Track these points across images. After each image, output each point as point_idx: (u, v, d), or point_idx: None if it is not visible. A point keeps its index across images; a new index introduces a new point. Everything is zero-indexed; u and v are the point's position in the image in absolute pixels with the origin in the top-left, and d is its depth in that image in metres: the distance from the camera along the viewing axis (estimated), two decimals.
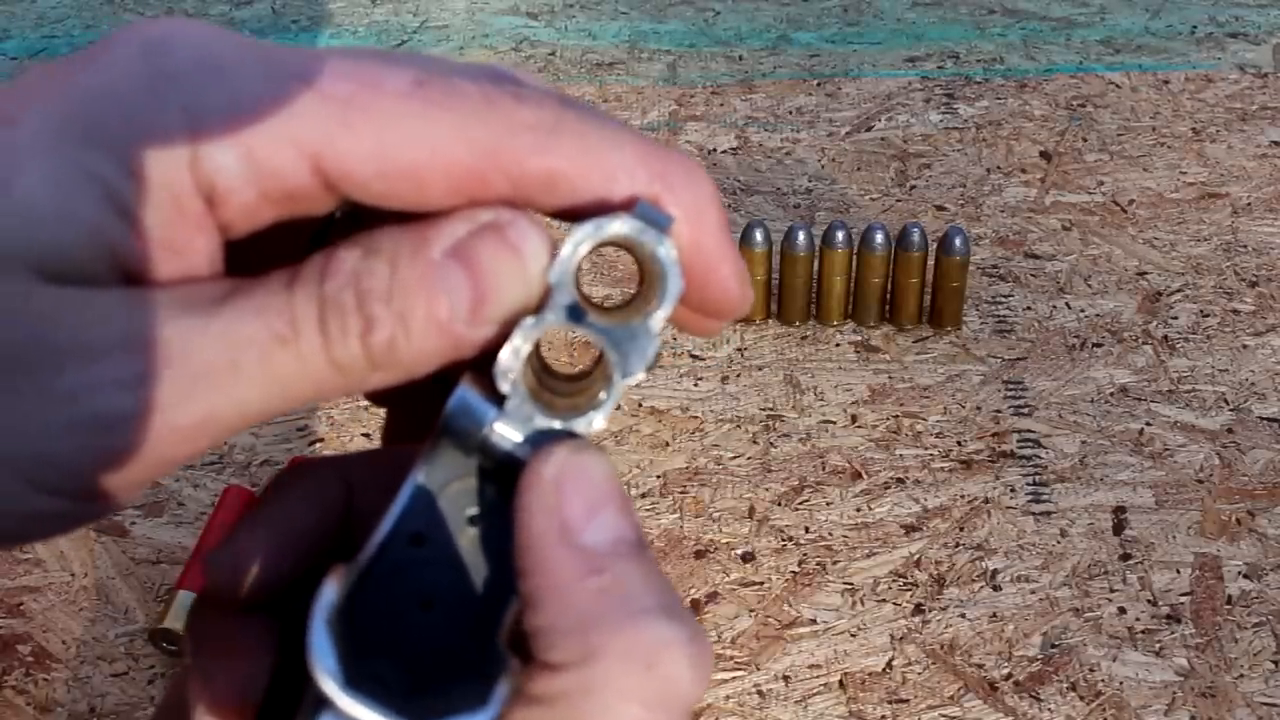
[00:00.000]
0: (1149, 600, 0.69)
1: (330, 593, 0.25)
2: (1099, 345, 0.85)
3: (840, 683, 0.65)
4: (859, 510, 0.74)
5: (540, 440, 0.27)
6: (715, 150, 1.06)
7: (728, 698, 0.65)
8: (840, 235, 0.85)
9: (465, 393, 0.27)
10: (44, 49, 1.24)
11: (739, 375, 0.84)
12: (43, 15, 1.30)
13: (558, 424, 0.27)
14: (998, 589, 0.70)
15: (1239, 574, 0.70)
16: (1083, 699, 0.64)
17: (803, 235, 0.85)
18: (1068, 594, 0.69)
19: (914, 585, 0.70)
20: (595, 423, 0.27)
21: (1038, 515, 0.74)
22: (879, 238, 0.85)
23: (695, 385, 0.83)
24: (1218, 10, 1.27)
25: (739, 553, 0.72)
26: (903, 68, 1.18)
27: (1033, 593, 0.69)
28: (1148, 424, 0.79)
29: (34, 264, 0.24)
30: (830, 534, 0.73)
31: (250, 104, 0.25)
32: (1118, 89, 1.14)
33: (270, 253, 0.26)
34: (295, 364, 0.25)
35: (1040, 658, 0.66)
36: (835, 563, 0.71)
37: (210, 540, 0.70)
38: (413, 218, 0.26)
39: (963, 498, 0.75)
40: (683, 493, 0.75)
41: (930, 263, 0.86)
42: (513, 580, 0.26)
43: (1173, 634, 0.67)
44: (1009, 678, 0.65)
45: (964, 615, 0.68)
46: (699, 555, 0.72)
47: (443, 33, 1.26)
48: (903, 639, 0.67)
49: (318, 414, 0.81)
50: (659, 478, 0.76)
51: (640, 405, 0.81)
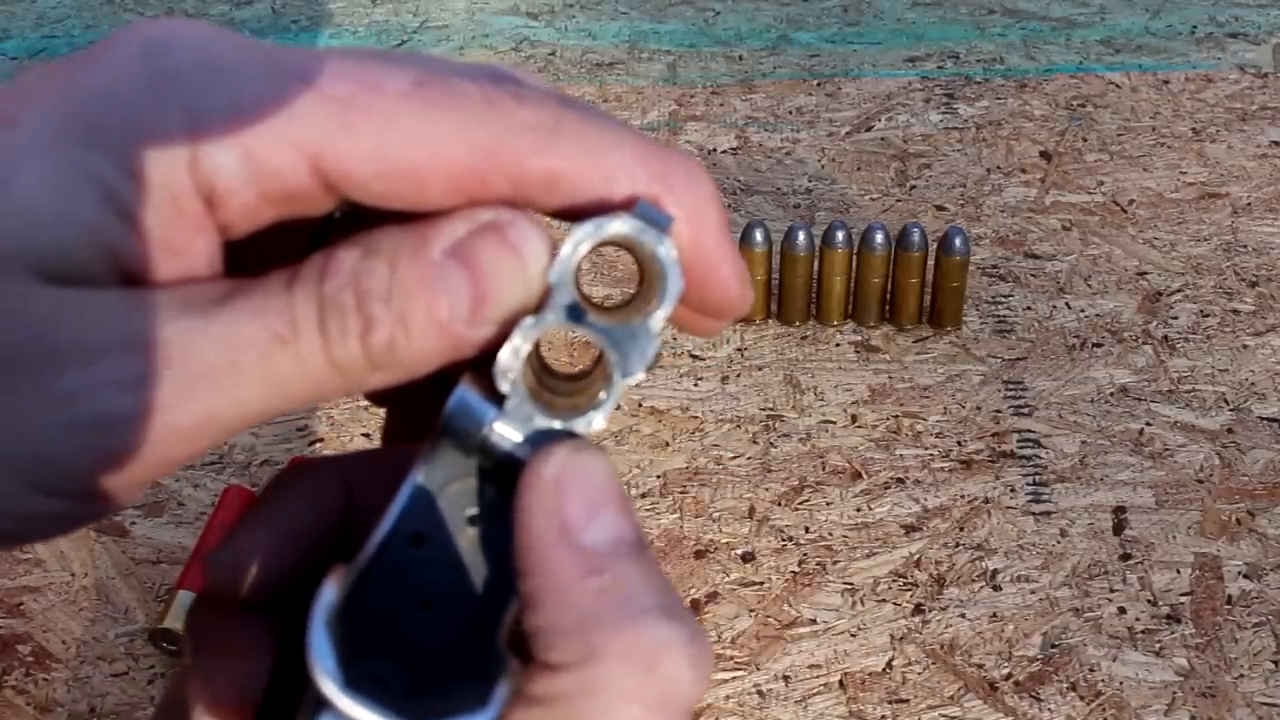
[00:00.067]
0: (1149, 600, 0.69)
1: (330, 593, 0.25)
2: (1099, 345, 0.85)
3: (840, 683, 0.65)
4: (859, 510, 0.74)
5: (540, 440, 0.26)
6: (715, 150, 1.06)
7: (728, 698, 0.65)
8: (840, 235, 0.85)
9: (465, 393, 0.26)
10: (44, 49, 1.24)
11: (739, 375, 0.84)
12: (43, 15, 1.30)
13: (557, 424, 0.27)
14: (998, 589, 0.70)
15: (1239, 574, 0.70)
16: (1083, 699, 0.64)
17: (803, 235, 0.85)
18: (1068, 594, 0.69)
19: (914, 585, 0.70)
20: (595, 423, 0.27)
21: (1038, 515, 0.74)
22: (879, 238, 0.85)
23: (695, 385, 0.83)
24: (1218, 10, 1.27)
25: (739, 553, 0.72)
26: (903, 68, 1.18)
27: (1033, 593, 0.69)
28: (1148, 424, 0.79)
29: (33, 264, 0.24)
30: (830, 534, 0.73)
31: (250, 104, 0.25)
32: (1118, 89, 1.14)
33: (269, 253, 0.26)
34: (295, 364, 0.25)
35: (1040, 658, 0.66)
36: (835, 563, 0.71)
37: (210, 540, 0.70)
38: (412, 218, 0.26)
39: (963, 498, 0.75)
40: (683, 493, 0.75)
41: (930, 263, 0.86)
42: (512, 580, 0.25)
43: (1173, 634, 0.67)
44: (1009, 678, 0.65)
45: (964, 615, 0.68)
46: (699, 555, 0.72)
47: (443, 33, 1.26)
48: (903, 639, 0.67)
49: (318, 414, 0.81)
50: (659, 478, 0.76)
51: (640, 405, 0.81)
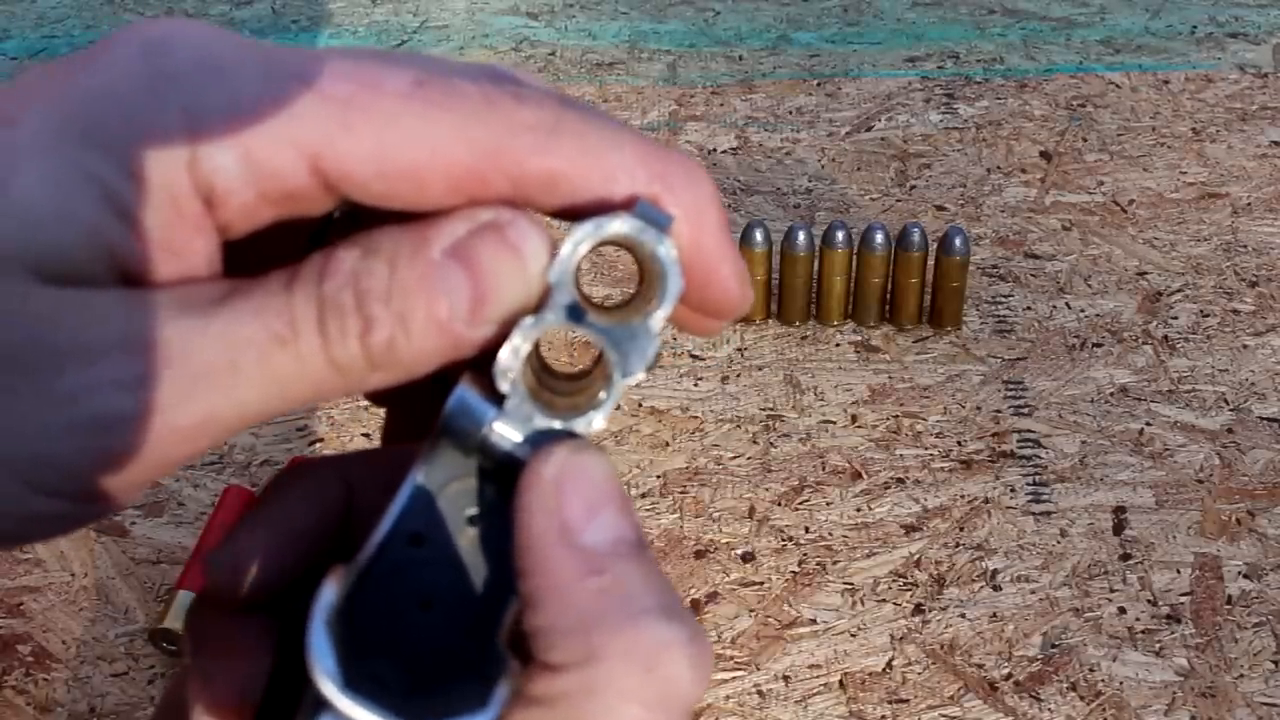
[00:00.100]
0: (1149, 600, 0.69)
1: (329, 593, 0.25)
2: (1099, 345, 0.85)
3: (840, 683, 0.65)
4: (859, 510, 0.74)
5: (540, 440, 0.26)
6: (715, 150, 1.06)
7: (728, 698, 0.65)
8: (840, 235, 0.85)
9: (464, 392, 0.26)
10: (44, 49, 1.24)
11: (739, 375, 0.84)
12: (43, 15, 1.30)
13: (557, 424, 0.27)
14: (998, 589, 0.70)
15: (1239, 574, 0.70)
16: (1083, 699, 0.64)
17: (803, 235, 0.85)
18: (1068, 594, 0.69)
19: (914, 585, 0.70)
20: (595, 422, 0.27)
21: (1038, 515, 0.74)
22: (879, 238, 0.85)
23: (695, 385, 0.83)
24: (1218, 10, 1.27)
25: (739, 553, 0.72)
26: (903, 68, 1.18)
27: (1033, 593, 0.69)
28: (1148, 424, 0.79)
29: (32, 265, 0.24)
30: (830, 534, 0.73)
31: (250, 104, 0.25)
32: (1118, 89, 1.13)
33: (269, 253, 0.26)
34: (294, 364, 0.25)
35: (1040, 658, 0.66)
36: (835, 563, 0.71)
37: (210, 540, 0.70)
38: (412, 217, 0.26)
39: (963, 498, 0.75)
40: (683, 493, 0.75)
41: (930, 263, 0.86)
42: (512, 580, 0.25)
43: (1173, 634, 0.67)
44: (1009, 678, 0.65)
45: (964, 615, 0.68)
46: (699, 555, 0.72)
47: (443, 33, 1.26)
48: (903, 639, 0.67)
49: (318, 414, 0.81)
50: (659, 478, 0.76)
51: (640, 405, 0.81)
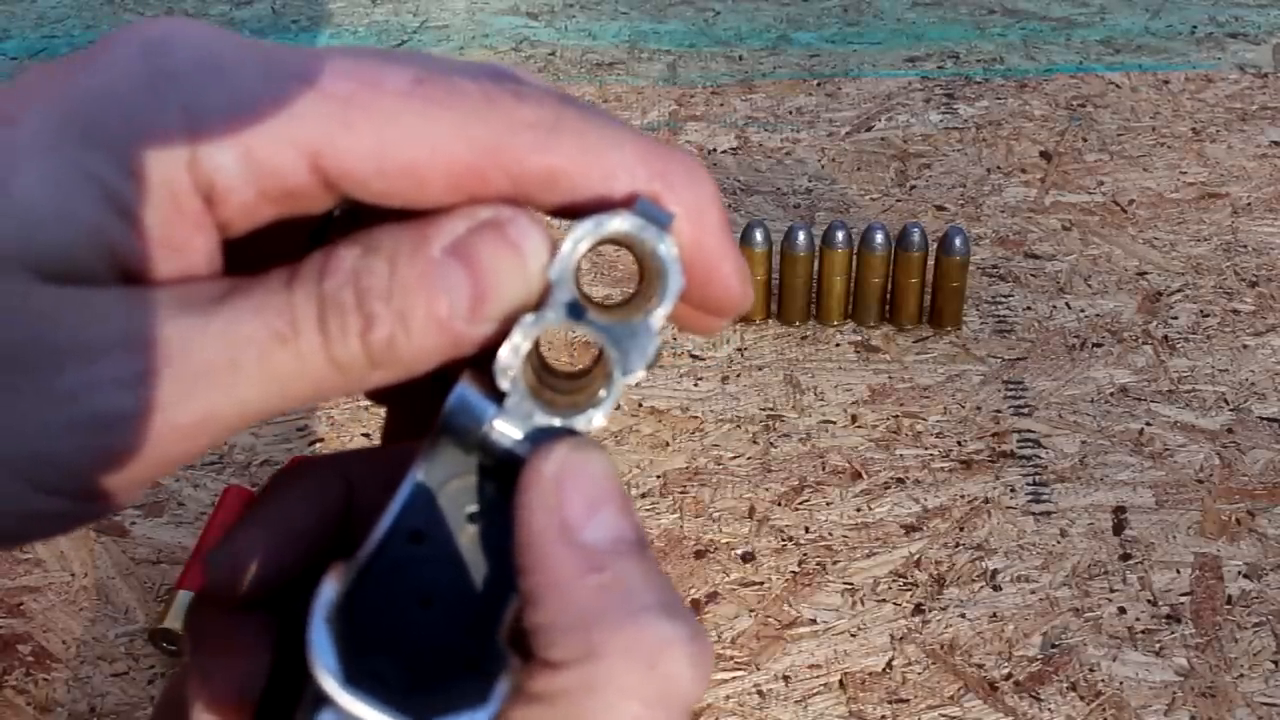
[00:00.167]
0: (1149, 600, 0.69)
1: (330, 590, 0.25)
2: (1099, 345, 0.85)
3: (840, 683, 0.65)
4: (859, 510, 0.74)
5: (540, 438, 0.26)
6: (715, 150, 1.06)
7: (728, 698, 0.65)
8: (840, 235, 0.85)
9: (465, 390, 0.26)
10: (44, 49, 1.24)
11: (739, 375, 0.84)
12: (43, 15, 1.30)
13: (557, 421, 0.27)
14: (998, 589, 0.70)
15: (1239, 574, 0.70)
16: (1083, 699, 0.64)
17: (803, 235, 0.85)
18: (1068, 594, 0.69)
19: (914, 585, 0.70)
20: (595, 420, 0.27)
21: (1038, 515, 0.74)
22: (879, 238, 0.85)
23: (695, 385, 0.83)
24: (1218, 10, 1.27)
25: (739, 553, 0.72)
26: (903, 68, 1.18)
27: (1033, 593, 0.69)
28: (1148, 424, 0.79)
29: (33, 264, 0.24)
30: (830, 534, 0.73)
31: (250, 103, 0.25)
32: (1118, 89, 1.14)
33: (269, 251, 0.26)
34: (295, 363, 0.25)
35: (1040, 658, 0.66)
36: (835, 563, 0.71)
37: (210, 540, 0.70)
38: (412, 215, 0.26)
39: (963, 498, 0.75)
40: (683, 493, 0.75)
41: (930, 263, 0.86)
42: (512, 578, 0.25)
43: (1173, 634, 0.67)
44: (1009, 678, 0.65)
45: (964, 615, 0.68)
46: (699, 555, 0.72)
47: (443, 33, 1.26)
48: (903, 639, 0.67)
49: (318, 414, 0.81)
50: (659, 478, 0.76)
51: (640, 405, 0.81)
